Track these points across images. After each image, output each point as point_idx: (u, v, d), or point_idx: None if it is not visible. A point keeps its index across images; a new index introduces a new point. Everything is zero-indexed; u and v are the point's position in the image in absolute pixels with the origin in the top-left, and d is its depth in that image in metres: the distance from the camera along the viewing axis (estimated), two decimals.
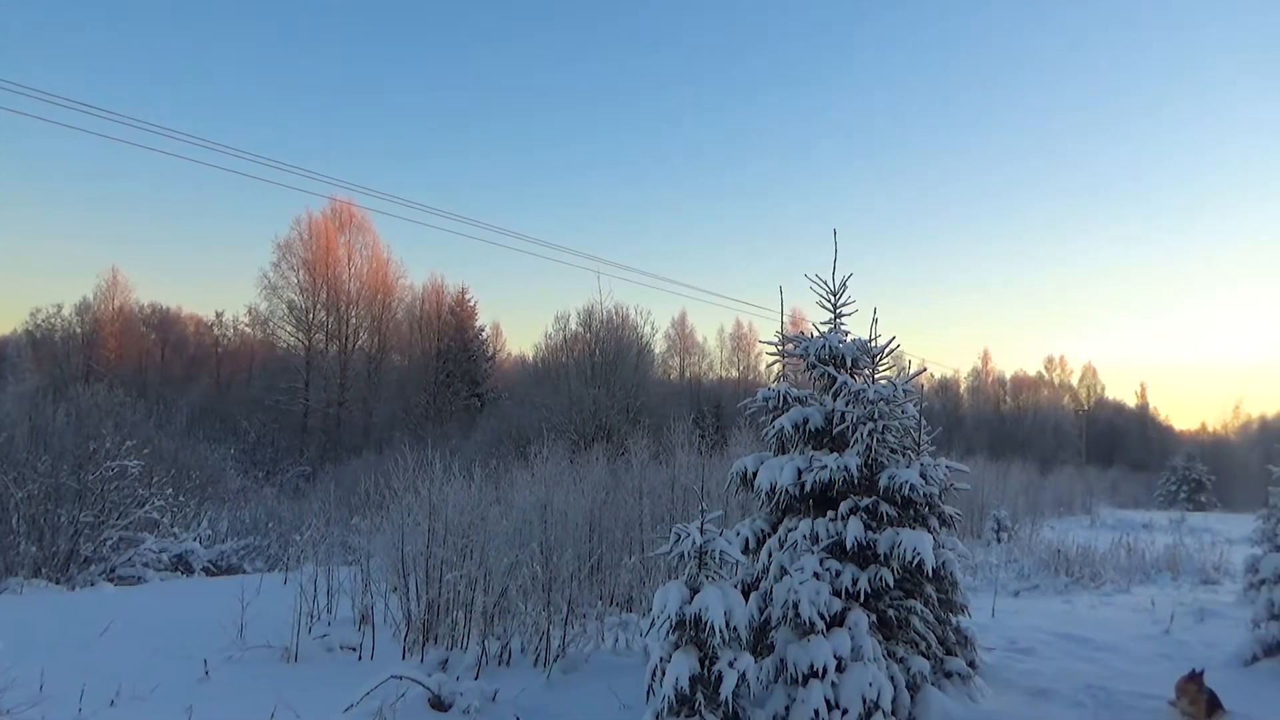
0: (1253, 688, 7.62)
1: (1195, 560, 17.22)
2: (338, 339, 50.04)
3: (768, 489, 6.96)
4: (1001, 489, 25.74)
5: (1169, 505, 42.48)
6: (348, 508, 14.40)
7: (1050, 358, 76.40)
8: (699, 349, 61.54)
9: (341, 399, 48.10)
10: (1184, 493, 45.26)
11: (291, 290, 49.04)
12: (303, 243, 49.22)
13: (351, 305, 50.72)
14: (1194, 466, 46.83)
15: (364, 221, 51.27)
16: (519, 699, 6.55)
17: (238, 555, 16.85)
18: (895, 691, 6.12)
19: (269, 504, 22.92)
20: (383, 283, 52.23)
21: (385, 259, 52.77)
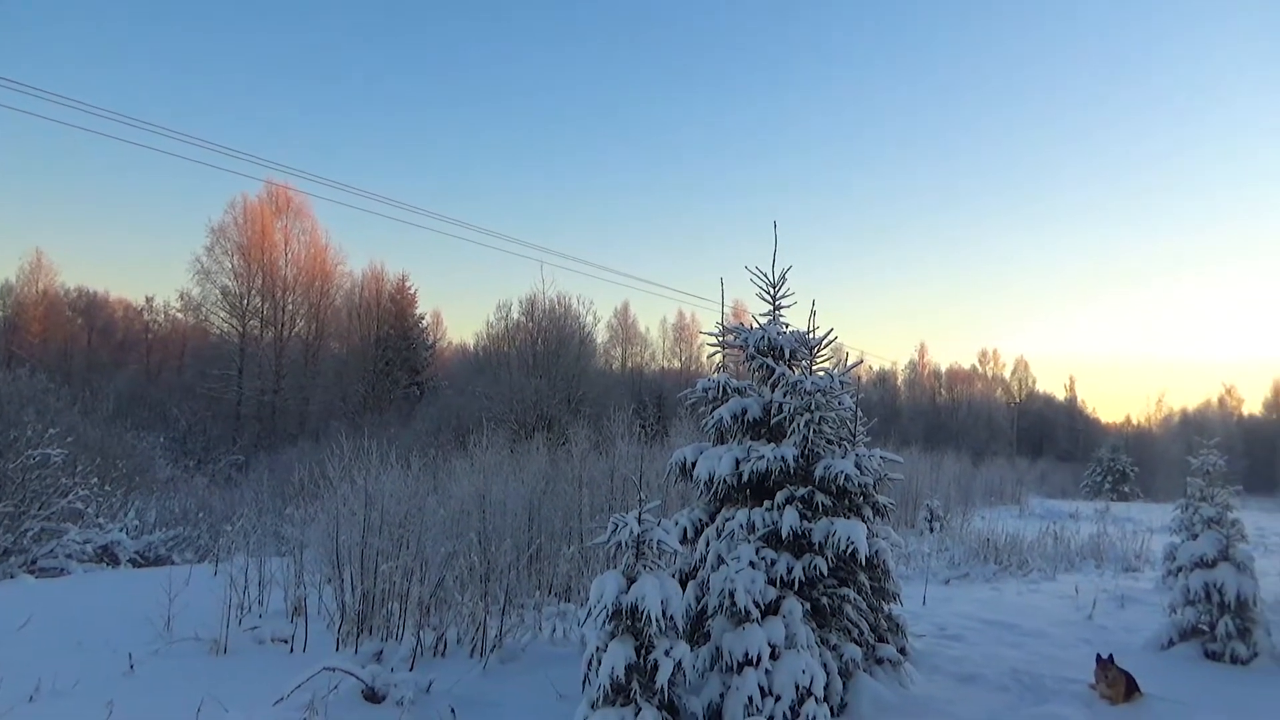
0: (1169, 670, 7.92)
1: (1118, 549, 17.79)
2: (273, 326, 48.99)
3: (706, 479, 7.01)
4: (935, 479, 26.25)
5: (1094, 495, 43.81)
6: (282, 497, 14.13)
7: (984, 351, 78.25)
8: (641, 339, 61.74)
9: (277, 387, 47.12)
10: (1109, 483, 46.66)
11: (225, 275, 47.86)
12: (238, 227, 48.05)
13: (288, 291, 49.68)
14: (1118, 458, 48.32)
15: (302, 206, 50.26)
16: (454, 690, 6.51)
17: (166, 546, 16.42)
18: (828, 678, 6.23)
19: (200, 494, 22.39)
20: (321, 269, 51.25)
21: (324, 245, 51.78)
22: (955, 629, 9.55)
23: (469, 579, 8.24)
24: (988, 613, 10.68)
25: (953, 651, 8.44)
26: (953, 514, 23.24)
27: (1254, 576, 8.57)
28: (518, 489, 10.69)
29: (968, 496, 28.73)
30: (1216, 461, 9.35)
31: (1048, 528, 19.82)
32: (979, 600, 11.91)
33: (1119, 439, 56.97)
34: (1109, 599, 11.91)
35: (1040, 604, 11.75)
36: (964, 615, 10.44)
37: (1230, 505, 9.08)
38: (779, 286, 7.81)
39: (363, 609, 7.99)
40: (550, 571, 10.12)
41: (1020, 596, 12.48)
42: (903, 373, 73.83)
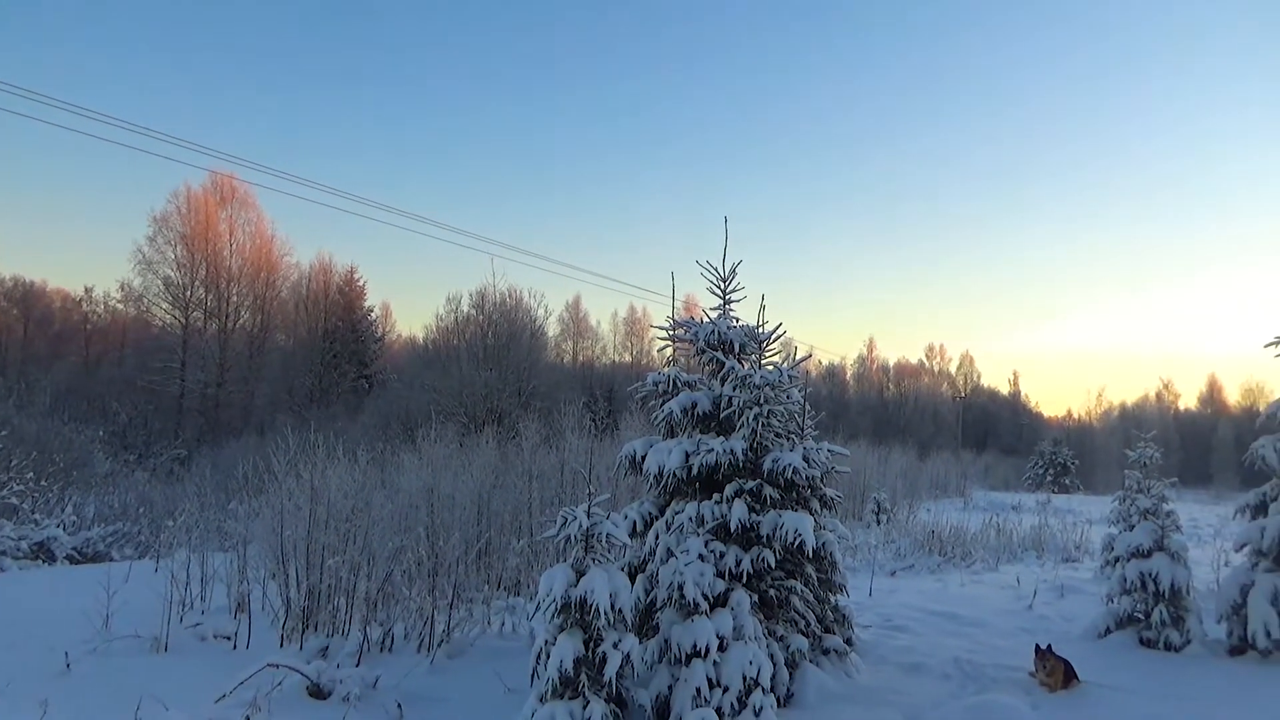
0: (1106, 658, 8.13)
1: (1058, 539, 18.23)
2: (217, 317, 47.98)
3: (656, 472, 7.03)
4: (882, 472, 26.62)
5: (1037, 487, 44.82)
6: (225, 492, 13.88)
7: (931, 346, 79.53)
8: (593, 333, 61.63)
9: (221, 379, 46.19)
10: (1050, 475, 47.79)
11: (168, 266, 46.73)
12: (181, 217, 46.94)
13: (233, 282, 48.67)
14: (1060, 451, 49.51)
15: (247, 196, 49.26)
16: (401, 685, 6.45)
17: (105, 542, 16.01)
18: (775, 669, 6.29)
19: (140, 488, 21.84)
20: (266, 260, 50.31)
21: (269, 235, 50.83)
22: (900, 619, 9.71)
23: (417, 573, 8.17)
24: (932, 603, 10.87)
25: (898, 642, 8.58)
26: (899, 506, 23.59)
27: (1187, 566, 8.83)
28: (467, 483, 10.62)
29: (914, 489, 29.18)
30: (1153, 454, 9.60)
31: (991, 520, 20.23)
32: (924, 591, 12.12)
33: (1060, 433, 58.40)
34: (1049, 589, 12.19)
35: (983, 594, 11.99)
36: (909, 606, 10.62)
37: (1165, 497, 9.33)
38: (729, 281, 7.85)
39: (308, 605, 7.87)
40: (499, 565, 10.07)
41: (964, 587, 12.72)
42: (852, 367, 74.81)
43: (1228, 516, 11.75)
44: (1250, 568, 8.61)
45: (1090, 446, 57.17)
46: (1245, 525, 9.10)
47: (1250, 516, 10.13)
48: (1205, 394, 76.45)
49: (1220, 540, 16.15)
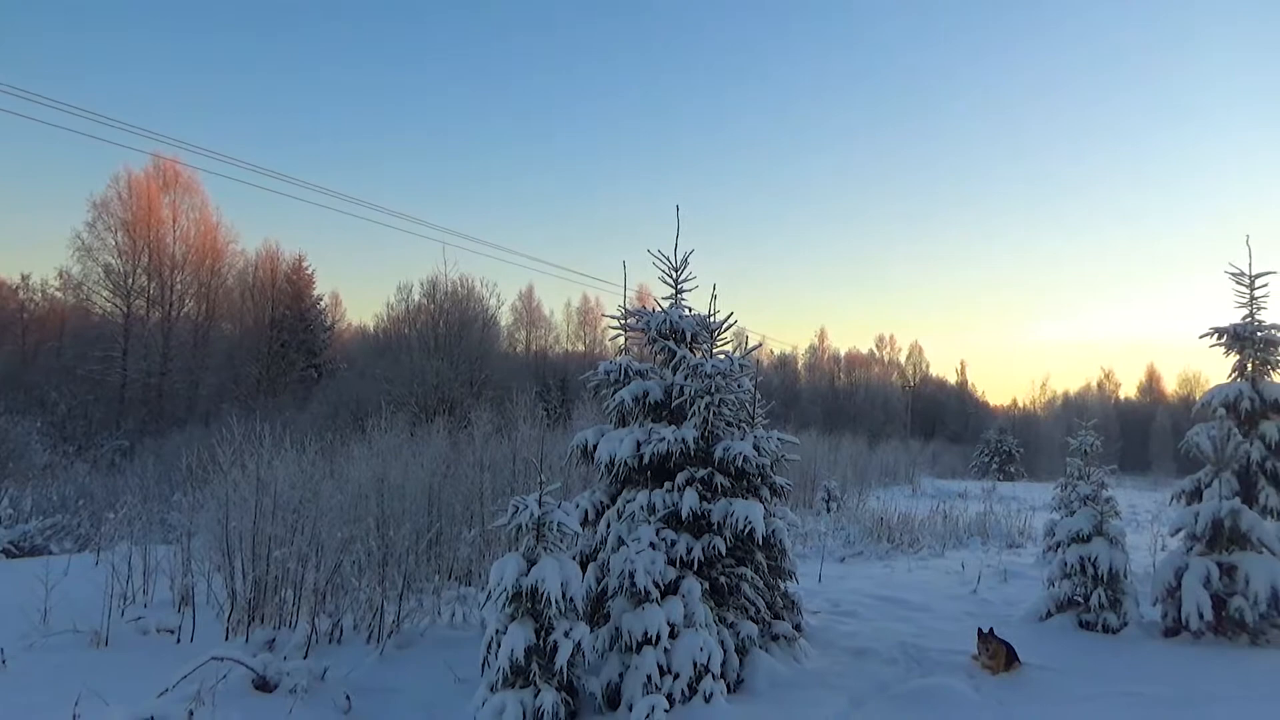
0: (1046, 640, 8.34)
1: (1002, 526, 18.63)
2: (161, 305, 46.85)
3: (607, 461, 7.05)
4: (833, 460, 26.93)
5: (983, 475, 45.69)
6: (169, 484, 13.62)
7: (881, 336, 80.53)
8: (546, 322, 61.36)
9: (164, 369, 45.16)
10: (996, 463, 48.71)
11: (108, 253, 45.46)
12: (122, 202, 45.68)
13: (176, 270, 47.53)
14: (1005, 439, 50.50)
15: (191, 181, 48.08)
16: (350, 676, 6.40)
17: (43, 535, 15.60)
18: (725, 655, 6.35)
19: (80, 480, 21.30)
20: (211, 247, 49.21)
21: (215, 222, 49.68)
22: (849, 605, 9.85)
23: (367, 564, 8.10)
24: (880, 589, 11.05)
25: (846, 627, 8.71)
26: (849, 494, 23.90)
27: (1125, 550, 9.08)
28: (418, 473, 10.54)
29: (864, 477, 29.56)
30: (1093, 442, 9.85)
31: (938, 507, 20.62)
32: (872, 577, 12.30)
33: (1006, 421, 59.57)
34: (993, 574, 12.46)
35: (929, 580, 12.22)
36: (857, 592, 10.78)
37: (1105, 483, 9.58)
38: (681, 270, 7.88)
39: (254, 597, 7.76)
40: (451, 555, 10.01)
41: (911, 573, 12.94)
42: (803, 357, 75.42)
43: (1165, 502, 12.12)
44: (1185, 552, 8.87)
45: (1034, 435, 58.34)
46: (1180, 510, 9.37)
47: (1185, 502, 10.44)
48: (1145, 383, 78.58)
49: (1157, 525, 16.65)
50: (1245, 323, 11.29)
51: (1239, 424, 11.07)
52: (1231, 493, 9.04)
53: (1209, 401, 11.45)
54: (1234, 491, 9.26)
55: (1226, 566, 8.45)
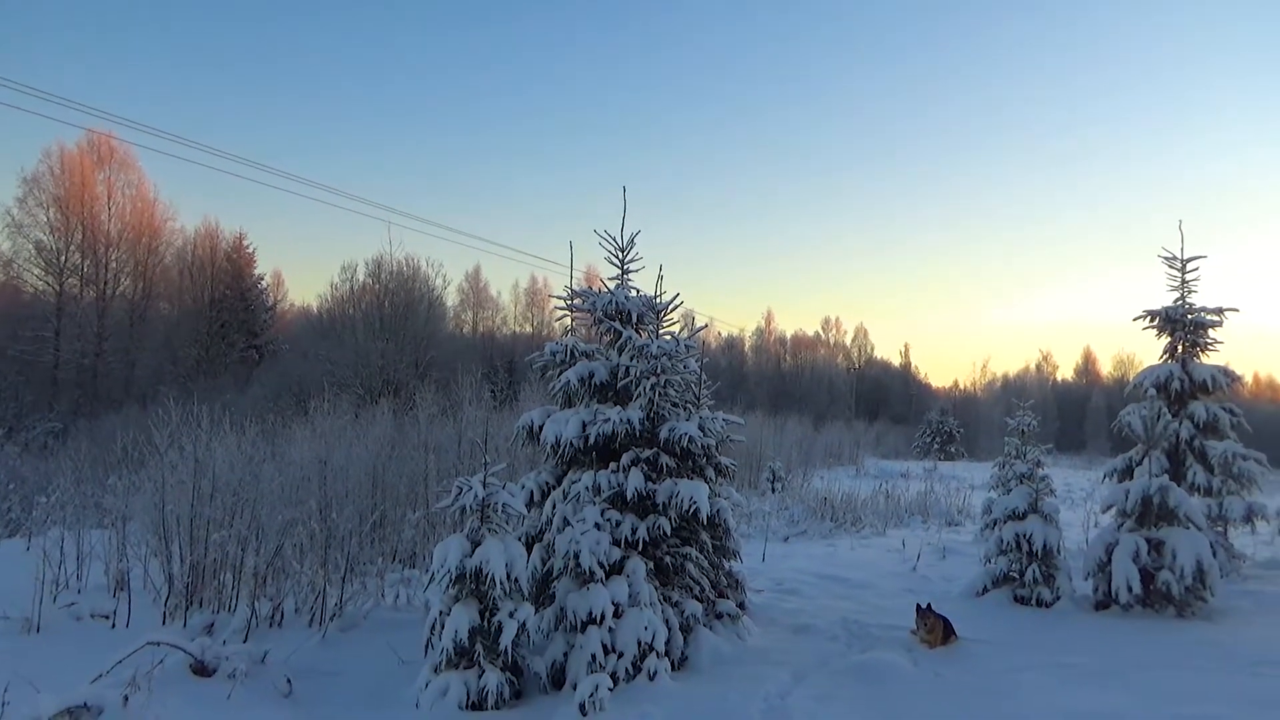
0: (982, 615, 8.56)
1: (943, 504, 19.03)
2: (95, 284, 45.47)
3: (553, 442, 7.03)
4: (779, 442, 27.21)
5: (925, 455, 46.57)
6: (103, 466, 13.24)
7: (827, 319, 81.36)
8: (493, 303, 60.73)
9: (99, 349, 43.91)
10: (937, 444, 49.67)
11: (40, 230, 43.91)
12: (54, 178, 44.11)
13: (111, 248, 46.13)
14: (946, 420, 51.49)
15: (127, 157, 46.61)
16: (291, 659, 6.32)
17: None
18: (669, 634, 6.41)
19: (10, 464, 20.66)
20: (148, 224, 47.81)
21: (151, 199, 48.25)
22: (792, 583, 9.99)
23: (309, 547, 7.99)
24: (822, 567, 11.23)
25: (789, 605, 8.83)
26: (794, 475, 24.18)
27: (1059, 527, 9.32)
28: (361, 454, 10.43)
29: (808, 458, 29.93)
30: (1030, 422, 10.08)
31: (881, 486, 20.97)
32: (815, 556, 12.49)
33: (947, 402, 60.63)
34: (932, 551, 12.72)
35: (871, 558, 12.44)
36: (801, 570, 10.93)
37: (1041, 462, 9.81)
38: (628, 251, 7.87)
39: (192, 581, 7.62)
40: (395, 538, 9.92)
41: (853, 551, 13.17)
42: (750, 339, 75.79)
43: (1099, 480, 12.46)
44: (1116, 528, 9.14)
45: (975, 415, 59.51)
46: (1112, 488, 9.64)
47: (1117, 480, 10.77)
48: (1081, 365, 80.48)
49: (1091, 503, 17.10)
50: (1176, 306, 11.64)
51: (1169, 404, 11.44)
52: (1161, 470, 9.32)
53: (1141, 382, 11.81)
54: (1163, 469, 9.56)
55: (1155, 542, 8.73)
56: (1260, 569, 11.72)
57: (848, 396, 68.48)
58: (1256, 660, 6.99)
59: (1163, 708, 5.65)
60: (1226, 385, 11.33)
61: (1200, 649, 7.39)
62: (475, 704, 5.49)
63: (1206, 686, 6.19)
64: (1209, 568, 8.53)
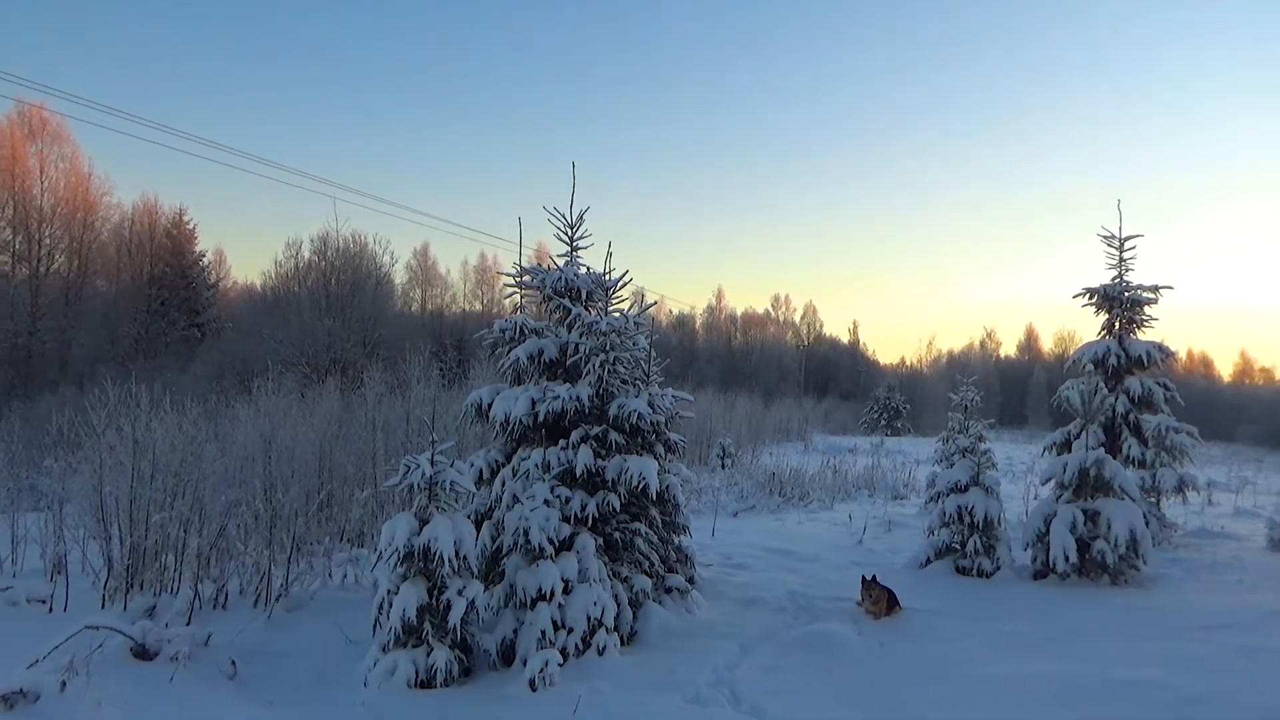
0: (925, 585, 8.75)
1: (889, 479, 19.36)
2: (28, 261, 44.01)
3: (502, 419, 7.01)
4: (729, 418, 27.42)
5: (872, 431, 47.28)
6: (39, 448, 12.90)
7: (777, 297, 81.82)
8: (442, 281, 59.91)
9: (33, 329, 42.58)
10: (884, 419, 50.43)
11: None
12: None
13: (45, 224, 44.64)
14: (893, 396, 52.29)
15: (60, 130, 45.02)
16: (236, 641, 6.24)
17: None
18: (619, 609, 6.45)
19: None
20: (83, 200, 46.35)
21: (86, 173, 46.73)
22: (740, 558, 10.11)
23: (254, 527, 7.88)
24: (771, 541, 11.37)
25: (737, 579, 8.94)
26: (744, 451, 24.41)
27: (1000, 499, 9.55)
28: (308, 434, 10.28)
29: (758, 434, 30.21)
30: (973, 398, 10.28)
31: (828, 462, 21.29)
32: (764, 530, 12.64)
33: (895, 379, 61.52)
34: (878, 524, 12.96)
35: (818, 532, 12.62)
36: (749, 545, 11.06)
37: (983, 436, 10.02)
38: (577, 227, 7.84)
39: (132, 563, 7.45)
40: (343, 517, 9.82)
41: (801, 525, 13.35)
42: (701, 317, 76.04)
43: (1039, 454, 12.79)
44: (1054, 500, 9.39)
45: (921, 391, 60.44)
46: (1051, 461, 9.90)
47: (1056, 453, 11.05)
48: (1023, 342, 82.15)
49: (1031, 476, 17.54)
50: (1114, 283, 11.93)
51: (1106, 379, 11.75)
52: (1098, 443, 9.59)
53: (1079, 358, 12.11)
54: (1100, 442, 9.83)
55: (1091, 513, 8.99)
56: (1190, 538, 12.15)
57: (797, 373, 69.10)
58: (1185, 625, 7.26)
59: (1098, 672, 5.84)
60: (1161, 361, 11.67)
61: (1133, 615, 7.65)
62: (424, 682, 5.48)
63: (1139, 651, 6.40)
64: (1142, 537, 8.81)
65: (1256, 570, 9.92)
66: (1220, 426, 49.92)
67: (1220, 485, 20.77)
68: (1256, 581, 9.24)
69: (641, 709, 5.12)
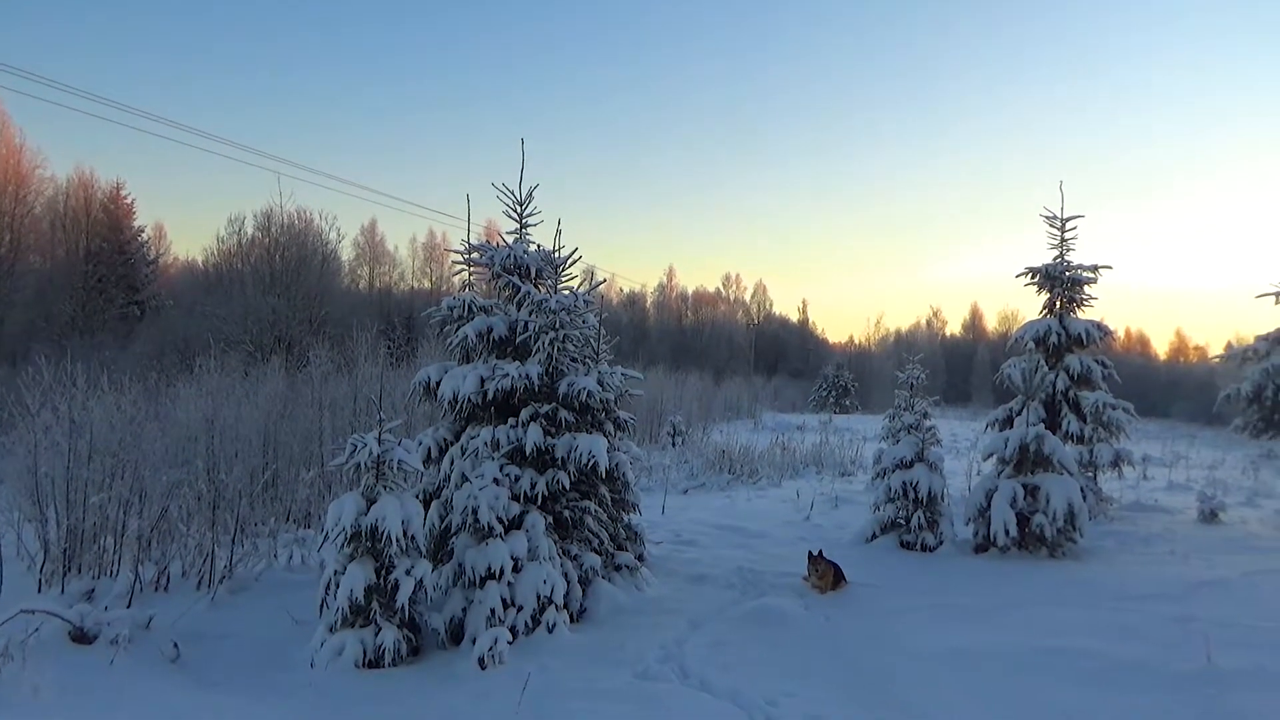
0: (871, 560, 8.91)
1: (836, 456, 19.64)
2: None
3: (451, 398, 6.96)
4: (679, 396, 27.53)
5: (820, 408, 47.83)
6: None
7: (728, 275, 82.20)
8: (390, 258, 59.03)
9: None
10: (833, 397, 51.08)
11: None
12: None
13: None
14: (841, 374, 52.99)
15: None
16: (179, 624, 6.14)
17: None
18: (569, 587, 6.47)
19: None
20: (14, 173, 44.73)
21: (18, 146, 45.05)
22: (690, 535, 10.19)
23: (196, 508, 7.74)
24: (720, 518, 11.48)
25: (687, 555, 9.01)
26: (694, 429, 24.54)
27: (943, 475, 9.74)
28: (252, 413, 10.11)
29: (708, 412, 30.40)
30: (919, 375, 10.43)
31: (777, 439, 21.48)
32: (713, 507, 12.75)
33: (843, 357, 62.38)
34: (825, 501, 13.14)
35: (767, 508, 12.77)
36: (699, 522, 11.15)
37: (928, 414, 10.19)
38: (526, 205, 7.79)
39: (70, 546, 7.28)
40: (289, 497, 9.69)
41: (750, 502, 13.49)
42: (652, 295, 76.08)
43: (983, 430, 13.06)
44: (996, 475, 9.61)
45: (869, 370, 61.22)
46: (993, 437, 10.10)
47: (998, 429, 11.28)
48: (968, 321, 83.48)
49: (975, 452, 17.86)
50: (1056, 263, 12.16)
51: (1047, 357, 12.01)
52: (1038, 420, 9.81)
53: (1021, 337, 12.35)
54: (1040, 419, 10.07)
55: (1030, 487, 9.21)
56: (1125, 511, 12.53)
57: (747, 352, 69.51)
58: (1118, 595, 7.49)
59: (1034, 641, 6.00)
60: (1100, 339, 11.95)
61: (1069, 586, 7.87)
62: (372, 662, 5.45)
63: (1074, 620, 6.59)
64: (1079, 511, 9.06)
65: (1187, 542, 10.27)
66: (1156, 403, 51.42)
67: (1155, 460, 21.42)
68: (1187, 552, 9.56)
69: (591, 685, 5.15)
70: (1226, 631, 6.19)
